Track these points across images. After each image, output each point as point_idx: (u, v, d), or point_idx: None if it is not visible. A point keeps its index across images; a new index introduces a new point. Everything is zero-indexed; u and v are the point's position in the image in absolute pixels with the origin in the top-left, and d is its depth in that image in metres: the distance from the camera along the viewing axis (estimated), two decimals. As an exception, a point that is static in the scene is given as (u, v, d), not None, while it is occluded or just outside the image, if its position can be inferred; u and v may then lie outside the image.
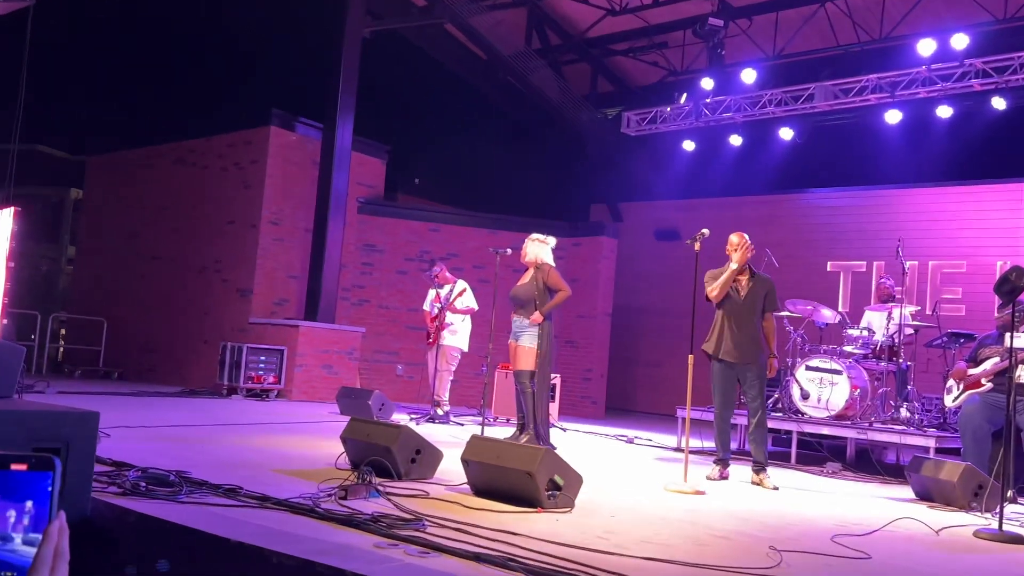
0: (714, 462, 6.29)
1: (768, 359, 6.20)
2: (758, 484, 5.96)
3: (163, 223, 12.95)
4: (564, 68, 14.03)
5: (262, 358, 10.54)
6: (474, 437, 4.73)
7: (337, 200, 11.33)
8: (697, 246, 5.78)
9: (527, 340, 7.15)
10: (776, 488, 5.88)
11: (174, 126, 13.24)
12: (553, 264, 7.35)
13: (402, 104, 14.02)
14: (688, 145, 13.25)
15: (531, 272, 7.27)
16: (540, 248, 7.34)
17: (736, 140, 12.69)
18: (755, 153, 13.10)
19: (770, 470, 7.13)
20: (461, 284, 9.38)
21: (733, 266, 6.08)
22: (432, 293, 9.38)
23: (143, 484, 3.79)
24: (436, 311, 9.18)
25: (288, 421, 7.98)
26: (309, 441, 6.50)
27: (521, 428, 7.16)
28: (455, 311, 9.21)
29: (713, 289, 6.14)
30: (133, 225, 13.40)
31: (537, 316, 7.02)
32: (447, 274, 9.44)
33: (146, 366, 12.58)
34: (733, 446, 8.85)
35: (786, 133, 12.35)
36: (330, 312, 11.32)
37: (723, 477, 6.16)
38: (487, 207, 14.29)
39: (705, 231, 5.83)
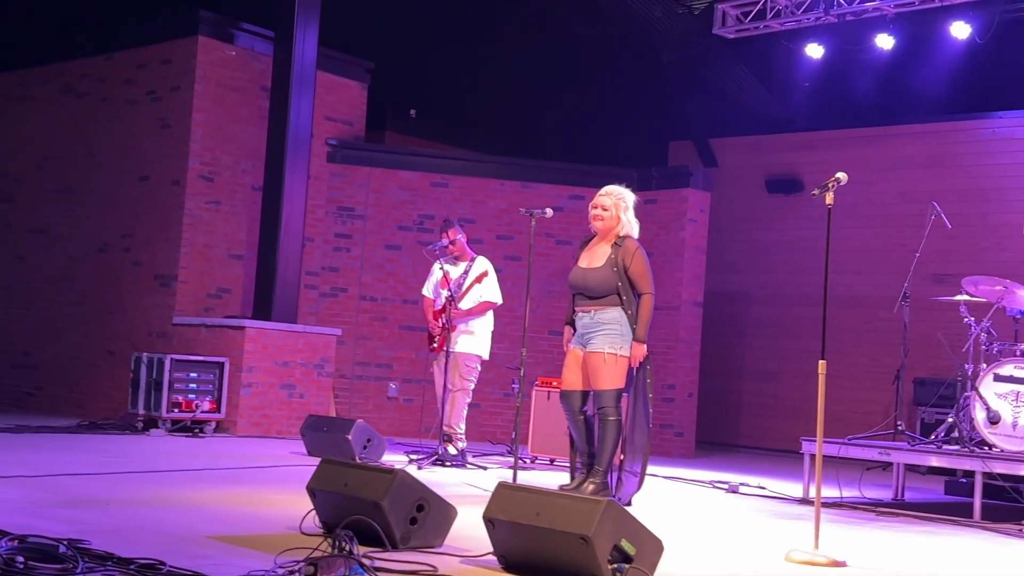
0: None
1: None
2: None
3: (46, 181, 13.04)
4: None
5: (193, 375, 10.55)
6: (502, 486, 4.70)
7: (297, 143, 11.34)
8: (829, 198, 5.69)
9: (607, 343, 6.95)
10: None
11: (59, 39, 13.30)
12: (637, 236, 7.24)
13: (389, 2, 13.99)
14: (814, 51, 13.10)
15: (605, 247, 7.11)
16: (626, 208, 7.17)
17: (886, 42, 12.52)
18: (914, 61, 12.91)
19: (942, 531, 7.04)
20: (482, 264, 9.34)
21: None
22: (437, 272, 9.33)
23: (20, 560, 3.79)
24: (443, 300, 9.15)
25: (232, 465, 7.99)
26: (261, 494, 6.49)
27: (589, 470, 7.11)
28: (466, 315, 9.15)
29: None
30: (1, 185, 13.52)
31: (638, 347, 6.92)
32: (465, 244, 9.40)
33: (25, 389, 12.71)
34: (886, 494, 8.81)
35: (961, 30, 12.17)
36: (290, 307, 11.35)
37: None
38: (516, 150, 14.21)
39: (841, 175, 5.74)
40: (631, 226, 7.16)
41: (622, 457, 7.09)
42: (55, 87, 13.17)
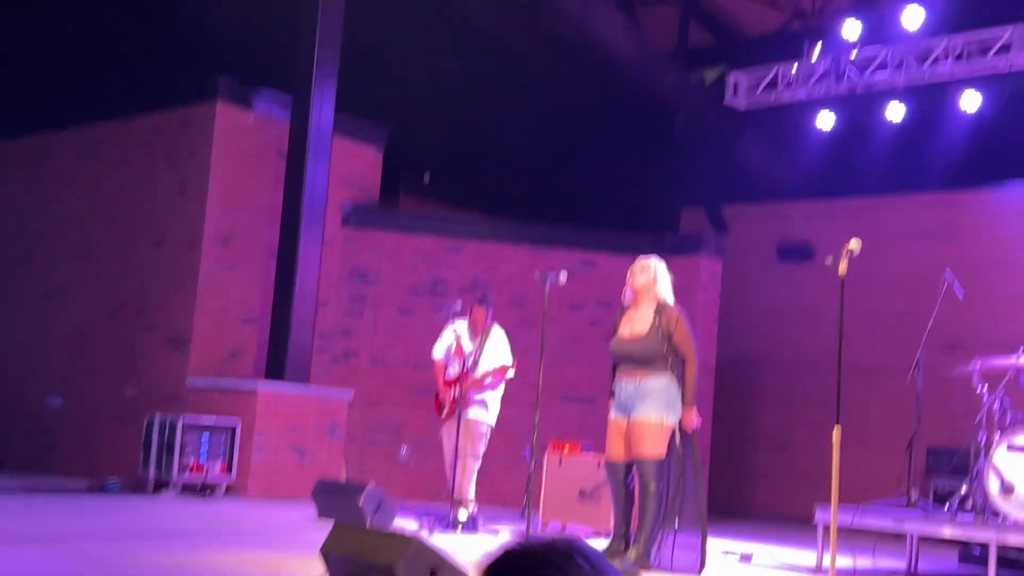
0: None
1: None
2: None
3: (62, 243, 13.14)
4: (641, 11, 14.09)
5: (205, 437, 10.57)
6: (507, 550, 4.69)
7: (313, 208, 11.43)
8: (842, 267, 5.75)
9: (653, 410, 7.02)
10: None
11: (77, 103, 13.45)
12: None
13: (404, 68, 14.16)
14: (824, 121, 13.20)
15: (646, 314, 7.22)
16: (663, 277, 7.35)
17: (896, 113, 12.63)
18: (924, 132, 13.00)
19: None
20: (496, 334, 9.33)
21: None
22: (449, 335, 9.34)
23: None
24: (456, 368, 9.15)
25: (243, 530, 8.00)
26: (274, 559, 6.49)
27: (625, 540, 7.11)
28: (485, 386, 9.16)
29: None
30: (18, 247, 13.64)
31: (690, 412, 7.01)
32: (488, 318, 9.37)
33: (39, 450, 12.72)
34: (900, 564, 8.73)
35: (970, 102, 12.27)
36: (303, 369, 11.37)
37: None
38: (530, 214, 14.29)
39: (854, 246, 5.79)
40: (668, 292, 7.33)
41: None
42: (74, 151, 13.31)
